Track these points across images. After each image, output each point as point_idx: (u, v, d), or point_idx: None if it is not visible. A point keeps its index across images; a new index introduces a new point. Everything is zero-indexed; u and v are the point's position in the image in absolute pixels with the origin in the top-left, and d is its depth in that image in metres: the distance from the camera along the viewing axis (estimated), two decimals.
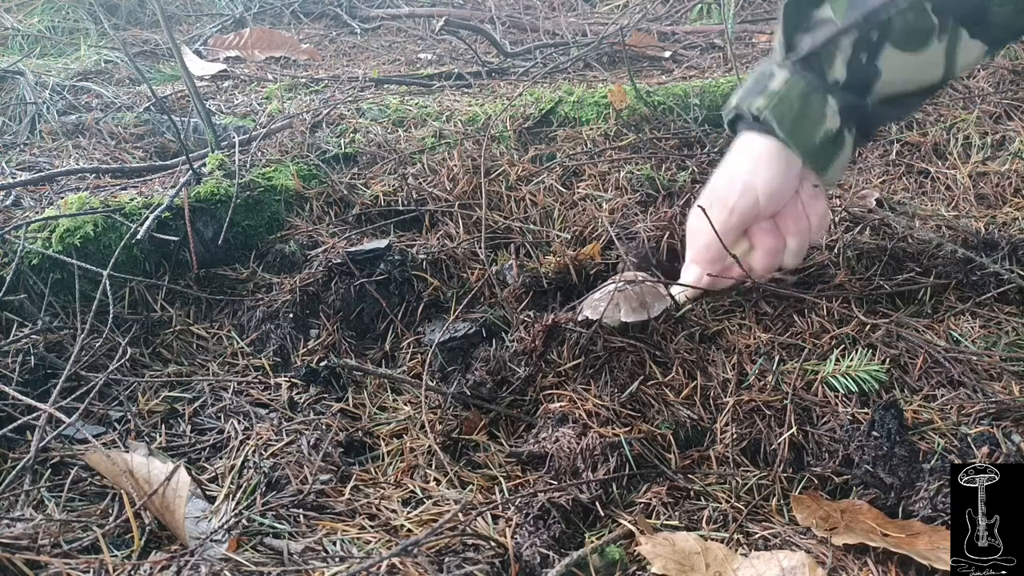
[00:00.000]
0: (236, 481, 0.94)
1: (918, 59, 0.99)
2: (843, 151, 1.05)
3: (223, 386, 1.13)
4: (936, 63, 1.00)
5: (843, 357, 1.08)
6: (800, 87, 1.01)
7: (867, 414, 1.01)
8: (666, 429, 1.02)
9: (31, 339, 1.10)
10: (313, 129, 1.71)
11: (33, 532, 0.81)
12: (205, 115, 1.59)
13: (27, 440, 0.98)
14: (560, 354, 1.10)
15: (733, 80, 1.94)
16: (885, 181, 1.63)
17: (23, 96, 1.93)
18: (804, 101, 1.01)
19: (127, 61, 2.29)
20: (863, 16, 0.98)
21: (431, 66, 2.47)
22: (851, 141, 1.05)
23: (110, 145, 1.78)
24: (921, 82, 1.03)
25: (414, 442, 1.03)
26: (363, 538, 0.87)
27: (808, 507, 0.92)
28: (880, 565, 0.84)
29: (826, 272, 1.30)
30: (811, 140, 1.02)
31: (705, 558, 0.83)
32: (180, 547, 0.82)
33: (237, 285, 1.31)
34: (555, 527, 0.87)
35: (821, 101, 1.01)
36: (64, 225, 1.23)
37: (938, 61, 1.00)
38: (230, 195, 1.36)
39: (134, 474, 0.87)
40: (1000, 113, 1.90)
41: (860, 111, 1.03)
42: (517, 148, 1.67)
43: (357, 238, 1.38)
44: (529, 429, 1.05)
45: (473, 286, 1.28)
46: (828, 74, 1.00)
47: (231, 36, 2.64)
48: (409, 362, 1.19)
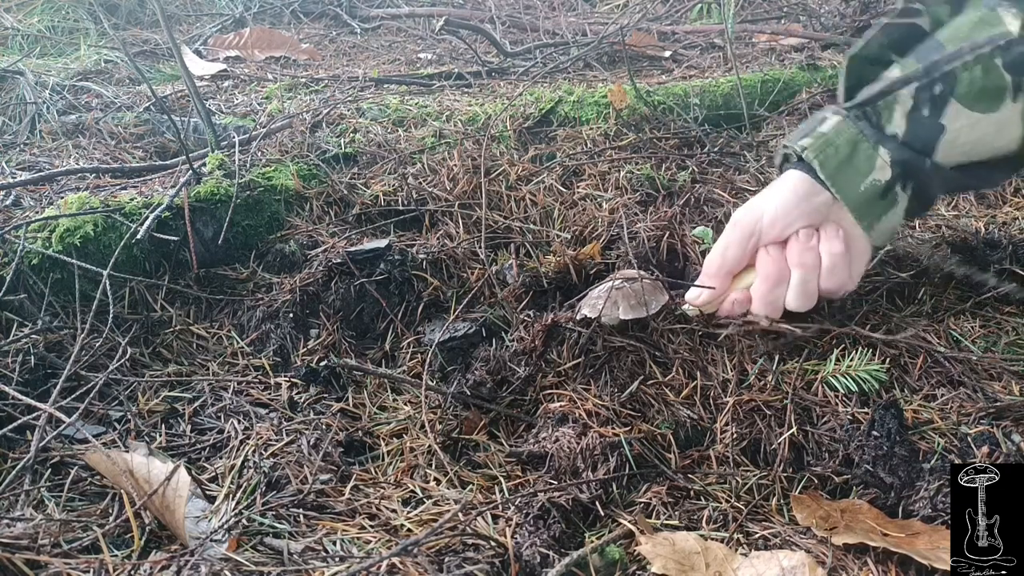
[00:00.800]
0: (236, 481, 0.94)
1: (989, 120, 0.92)
2: (893, 210, 0.98)
3: (223, 386, 1.13)
4: (1011, 126, 0.93)
5: (843, 357, 1.08)
6: (850, 133, 0.96)
7: (867, 414, 1.01)
8: (666, 429, 1.02)
9: (31, 339, 1.10)
10: (313, 129, 1.71)
11: (33, 532, 0.81)
12: (205, 115, 1.59)
13: (27, 440, 0.98)
14: (560, 354, 1.10)
15: (733, 80, 1.94)
16: None
17: (23, 96, 1.93)
18: (852, 148, 0.96)
19: (127, 61, 2.29)
20: (924, 67, 0.91)
21: (431, 66, 2.47)
22: (904, 201, 0.98)
23: (110, 145, 1.78)
24: (996, 148, 0.95)
25: (414, 442, 1.03)
26: (363, 538, 0.87)
27: (808, 507, 0.92)
28: (880, 565, 0.84)
29: None
30: (854, 187, 0.97)
31: (705, 558, 0.83)
32: (180, 547, 0.82)
33: (237, 285, 1.31)
34: (555, 527, 0.87)
35: (871, 151, 0.95)
36: (64, 225, 1.23)
37: (1014, 124, 0.92)
38: (230, 195, 1.36)
39: (134, 474, 0.87)
40: None
41: (917, 169, 0.95)
42: (517, 148, 1.67)
43: (357, 238, 1.38)
44: (529, 429, 1.05)
45: (473, 286, 1.28)
46: (885, 126, 0.95)
47: (231, 36, 2.64)
48: (409, 362, 1.19)
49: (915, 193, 0.98)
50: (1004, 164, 0.99)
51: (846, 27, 2.64)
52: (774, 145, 1.80)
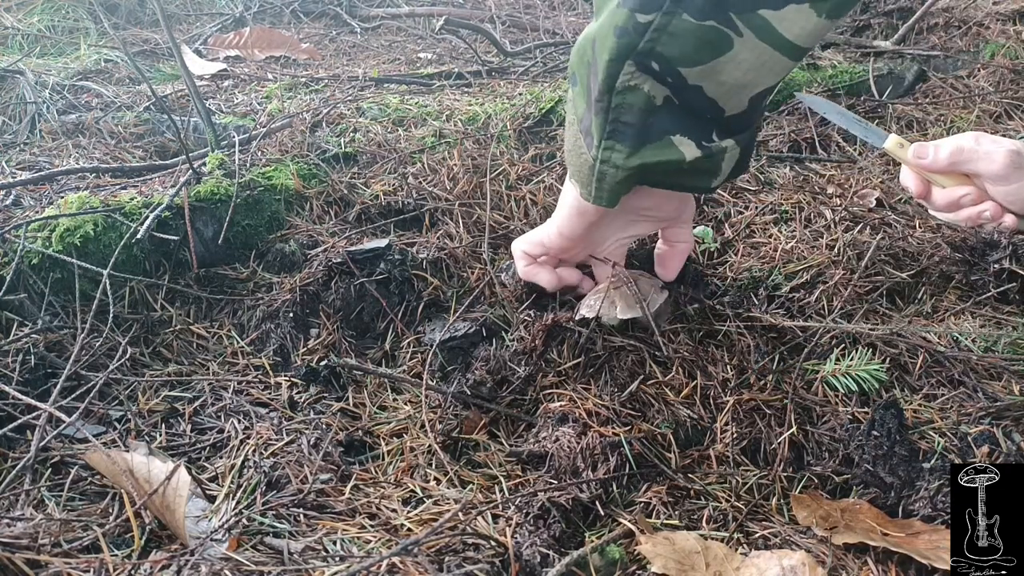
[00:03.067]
0: (236, 480, 0.94)
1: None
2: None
3: (223, 385, 1.13)
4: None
5: (843, 356, 1.08)
6: None
7: (867, 413, 1.01)
8: (666, 428, 1.02)
9: (31, 338, 1.10)
10: (313, 128, 1.71)
11: (33, 531, 0.81)
12: (205, 114, 1.59)
13: (27, 440, 0.98)
14: (560, 353, 1.10)
15: None
16: (885, 181, 1.63)
17: (23, 95, 1.93)
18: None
19: (127, 60, 2.29)
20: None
21: (431, 65, 2.47)
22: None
23: (110, 144, 1.78)
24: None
25: (414, 441, 1.03)
26: (363, 537, 0.87)
27: (808, 506, 0.92)
28: (880, 564, 0.84)
29: (826, 272, 1.30)
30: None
31: (705, 557, 0.83)
32: (180, 546, 0.82)
33: (237, 284, 1.31)
34: (555, 526, 0.87)
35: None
36: (64, 224, 1.23)
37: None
38: (230, 194, 1.36)
39: (134, 473, 0.87)
40: (1000, 112, 1.90)
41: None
42: (517, 147, 1.67)
43: (357, 237, 1.38)
44: (529, 428, 1.05)
45: (473, 286, 1.28)
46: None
47: (231, 35, 2.64)
48: (409, 361, 1.19)
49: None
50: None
51: (846, 27, 2.64)
52: (774, 145, 1.80)
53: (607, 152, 0.97)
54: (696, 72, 0.89)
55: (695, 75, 0.89)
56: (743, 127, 0.99)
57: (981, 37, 2.34)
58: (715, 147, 0.96)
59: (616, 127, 0.95)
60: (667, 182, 1.03)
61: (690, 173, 0.99)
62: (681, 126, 0.95)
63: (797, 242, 1.38)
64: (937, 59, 2.24)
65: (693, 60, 0.88)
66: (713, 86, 0.91)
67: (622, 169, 0.97)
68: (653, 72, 0.90)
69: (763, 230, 1.44)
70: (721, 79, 0.90)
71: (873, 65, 2.16)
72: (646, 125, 0.94)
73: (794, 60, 0.90)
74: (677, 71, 0.89)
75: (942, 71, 2.21)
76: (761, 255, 1.37)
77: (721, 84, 0.91)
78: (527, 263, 1.19)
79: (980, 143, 1.05)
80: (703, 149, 0.96)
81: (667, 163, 0.96)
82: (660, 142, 0.95)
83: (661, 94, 0.92)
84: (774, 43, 0.86)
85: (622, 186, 1.00)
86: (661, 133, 0.95)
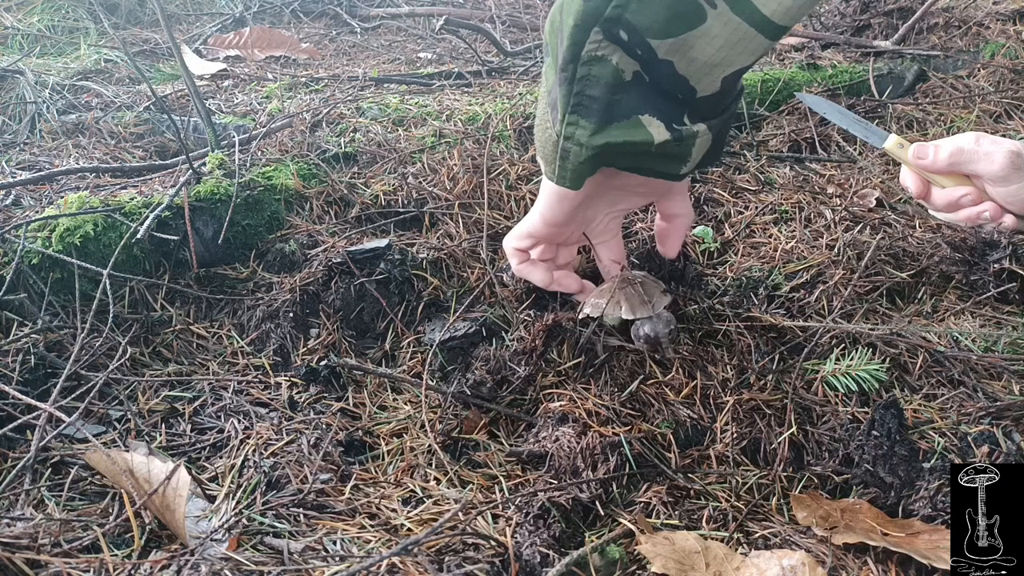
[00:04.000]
0: (236, 480, 0.94)
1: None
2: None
3: (223, 385, 1.13)
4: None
5: (843, 356, 1.08)
6: None
7: (867, 413, 1.01)
8: (666, 428, 1.02)
9: (31, 338, 1.10)
10: (313, 128, 1.71)
11: (33, 531, 0.81)
12: (205, 114, 1.59)
13: (27, 439, 0.98)
14: (560, 353, 1.10)
15: None
16: (885, 181, 1.63)
17: (23, 95, 1.93)
18: None
19: (127, 60, 2.29)
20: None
21: (431, 65, 2.47)
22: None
23: (110, 144, 1.78)
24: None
25: (414, 441, 1.03)
26: (363, 537, 0.87)
27: (808, 506, 0.92)
28: (880, 564, 0.84)
29: (826, 272, 1.30)
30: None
31: (705, 557, 0.83)
32: (180, 546, 0.82)
33: (237, 284, 1.31)
34: (555, 526, 0.87)
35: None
36: (64, 224, 1.23)
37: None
38: (230, 194, 1.36)
39: (134, 473, 0.87)
40: (1000, 112, 1.90)
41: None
42: (517, 147, 1.67)
43: (357, 237, 1.37)
44: (529, 428, 1.05)
45: (473, 285, 1.28)
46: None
47: (231, 35, 2.64)
48: (409, 361, 1.19)
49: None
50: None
51: (846, 27, 2.63)
52: (774, 145, 1.80)
53: (571, 128, 0.92)
54: (667, 45, 0.86)
55: (665, 48, 0.86)
56: (715, 112, 0.96)
57: (981, 37, 2.34)
58: (685, 131, 0.93)
59: (581, 100, 0.90)
60: (634, 165, 0.99)
61: (658, 157, 0.95)
62: (651, 106, 0.91)
63: (797, 242, 1.38)
64: (937, 59, 2.24)
65: (664, 32, 0.85)
66: (684, 63, 0.88)
67: (586, 147, 0.93)
68: (622, 42, 0.86)
69: (763, 230, 1.44)
70: (692, 55, 0.87)
71: (873, 65, 2.16)
72: (613, 101, 0.90)
73: (770, 39, 0.86)
74: (647, 43, 0.86)
75: (942, 71, 2.21)
76: (761, 255, 1.37)
77: (692, 61, 0.88)
78: (519, 260, 1.16)
79: (980, 143, 1.05)
80: (673, 132, 0.92)
81: (634, 144, 0.92)
82: (628, 121, 0.91)
83: (630, 68, 0.88)
84: (749, 18, 0.83)
85: (586, 166, 0.96)
86: (629, 111, 0.91)
